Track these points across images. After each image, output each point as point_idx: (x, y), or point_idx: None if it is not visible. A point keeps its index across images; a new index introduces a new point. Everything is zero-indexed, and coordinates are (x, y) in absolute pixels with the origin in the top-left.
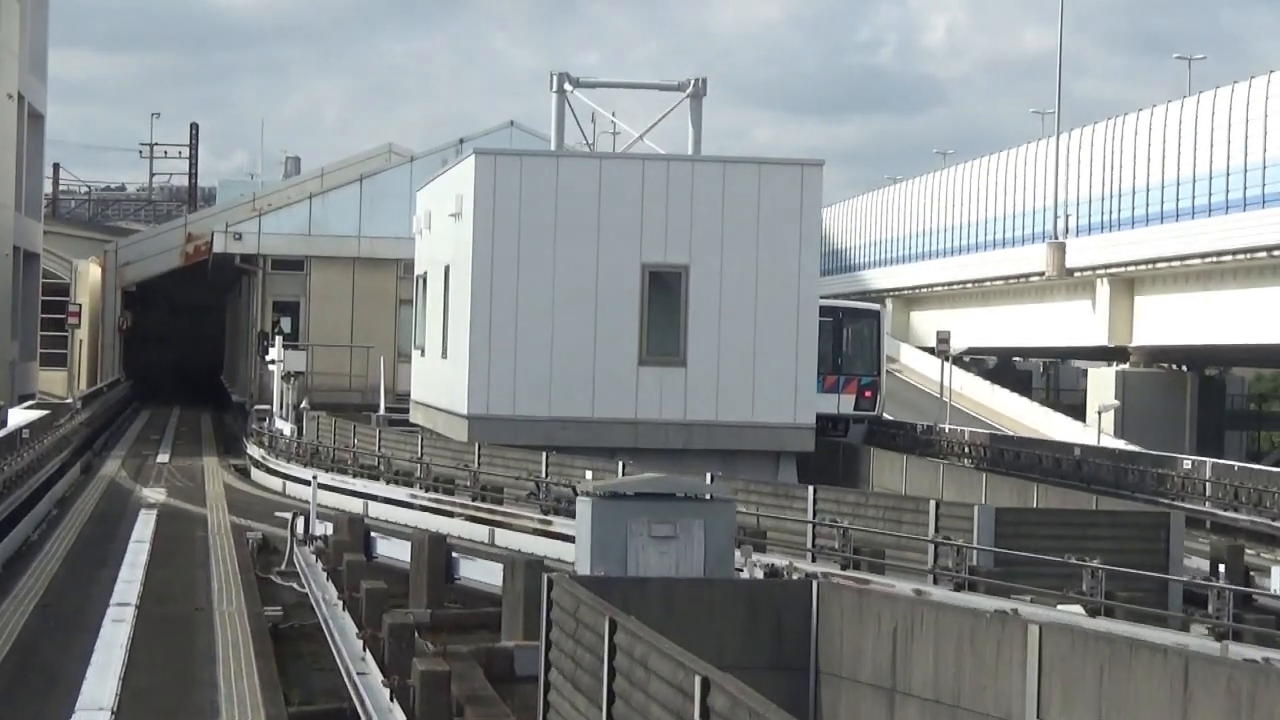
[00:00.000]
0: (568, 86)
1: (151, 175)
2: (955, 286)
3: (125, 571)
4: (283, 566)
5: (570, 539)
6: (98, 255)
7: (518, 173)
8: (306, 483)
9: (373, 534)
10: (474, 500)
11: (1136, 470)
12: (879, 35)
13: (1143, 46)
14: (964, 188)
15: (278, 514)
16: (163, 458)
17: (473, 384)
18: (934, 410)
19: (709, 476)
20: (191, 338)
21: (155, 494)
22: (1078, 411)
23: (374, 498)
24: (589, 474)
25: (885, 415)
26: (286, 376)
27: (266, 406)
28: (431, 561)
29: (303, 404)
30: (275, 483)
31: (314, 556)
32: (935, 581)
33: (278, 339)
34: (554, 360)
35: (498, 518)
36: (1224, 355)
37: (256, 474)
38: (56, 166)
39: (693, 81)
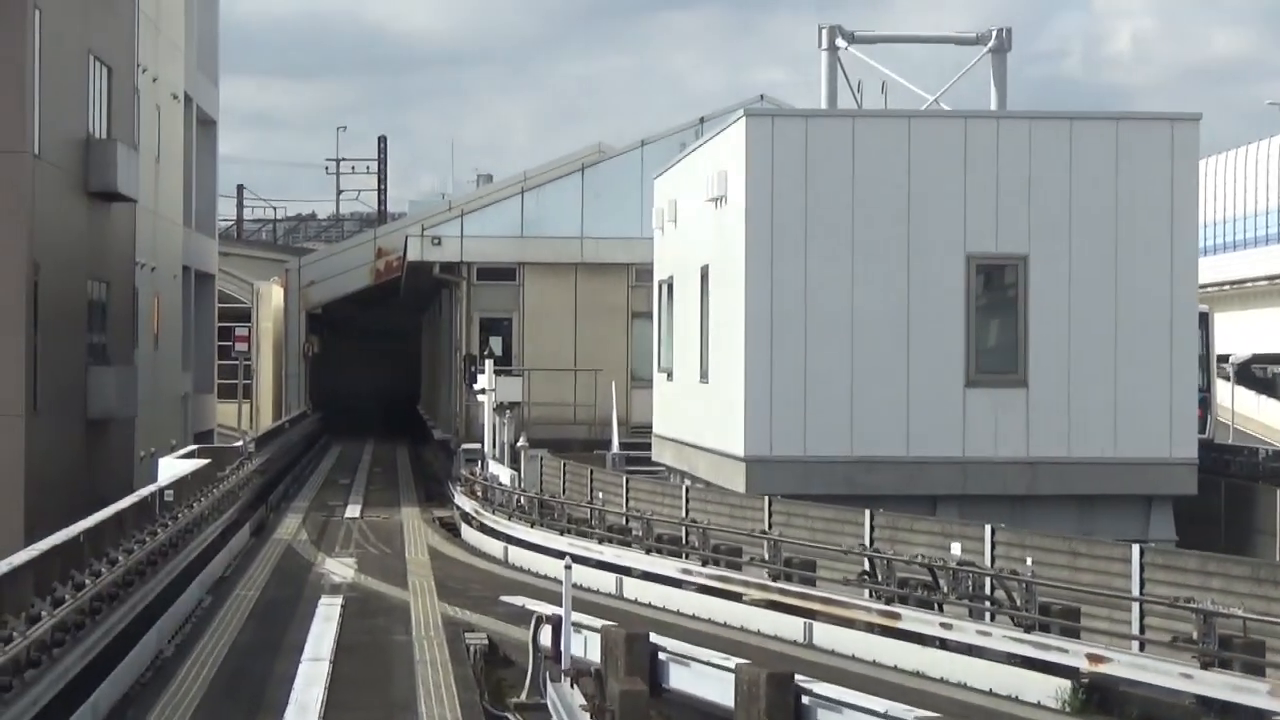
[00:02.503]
0: (840, 43)
1: (339, 192)
2: (1211, 289)
3: None
4: (523, 696)
5: (935, 642)
6: (279, 276)
7: (801, 138)
8: (536, 548)
9: (661, 655)
10: (774, 579)
11: None
12: (1063, 44)
13: None
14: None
15: (504, 599)
16: (353, 510)
17: (751, 417)
18: None
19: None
20: (384, 364)
21: (342, 568)
22: None
23: (630, 572)
24: (956, 546)
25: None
26: (499, 408)
27: (475, 445)
28: (772, 715)
29: (520, 441)
30: (494, 546)
31: (582, 709)
32: None
33: (488, 363)
34: (855, 383)
35: (813, 605)
36: None
37: (468, 533)
38: (240, 189)
39: (994, 33)
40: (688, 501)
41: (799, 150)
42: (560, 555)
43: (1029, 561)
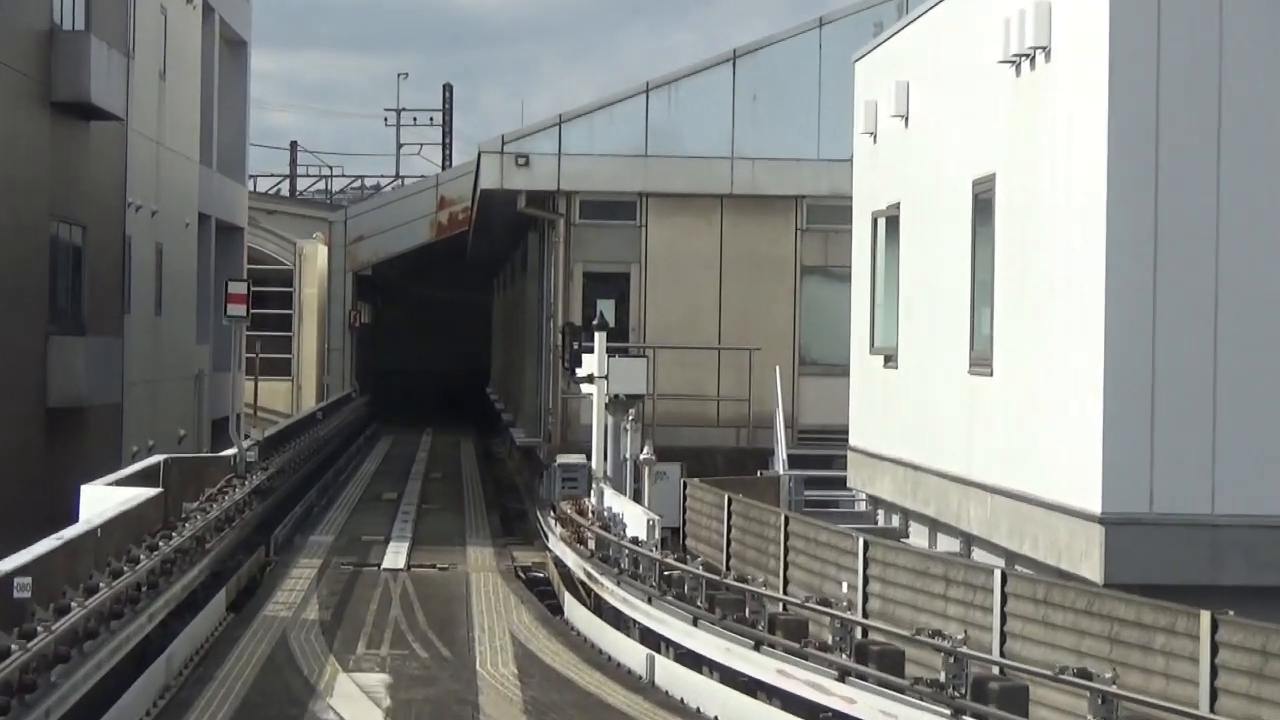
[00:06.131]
0: None
1: (399, 146)
2: None
3: None
4: None
5: None
6: (323, 232)
7: None
8: (707, 665)
9: None
10: None
11: None
12: None
13: None
14: None
15: None
16: (395, 554)
17: (1116, 444)
18: None
19: None
20: (446, 337)
21: (361, 707)
22: None
23: None
24: None
25: None
26: (613, 404)
27: (576, 459)
28: None
29: (645, 454)
30: (626, 649)
31: None
32: None
33: (597, 338)
34: None
35: None
36: None
37: (575, 611)
38: (294, 145)
39: None
40: (1004, 603)
41: None
42: (755, 690)
43: None
